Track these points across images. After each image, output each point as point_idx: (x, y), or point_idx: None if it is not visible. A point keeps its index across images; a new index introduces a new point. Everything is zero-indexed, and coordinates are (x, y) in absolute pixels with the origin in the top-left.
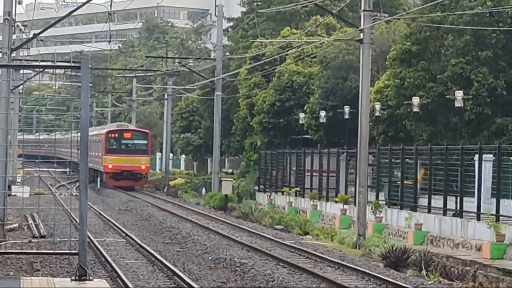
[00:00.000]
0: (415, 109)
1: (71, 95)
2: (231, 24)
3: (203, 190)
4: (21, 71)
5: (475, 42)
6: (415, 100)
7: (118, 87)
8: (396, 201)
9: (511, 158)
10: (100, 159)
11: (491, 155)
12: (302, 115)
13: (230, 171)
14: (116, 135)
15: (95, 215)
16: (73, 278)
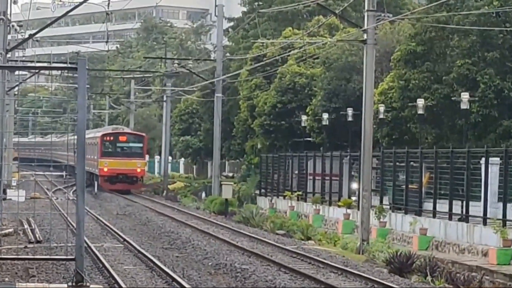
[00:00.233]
0: (420, 111)
1: (67, 97)
2: (231, 24)
3: (203, 194)
4: (17, 72)
5: (481, 42)
6: (420, 102)
7: (116, 88)
8: (401, 205)
9: None
10: (96, 162)
11: (498, 159)
12: (304, 117)
13: (230, 174)
14: (112, 138)
15: (93, 220)
16: (69, 284)
